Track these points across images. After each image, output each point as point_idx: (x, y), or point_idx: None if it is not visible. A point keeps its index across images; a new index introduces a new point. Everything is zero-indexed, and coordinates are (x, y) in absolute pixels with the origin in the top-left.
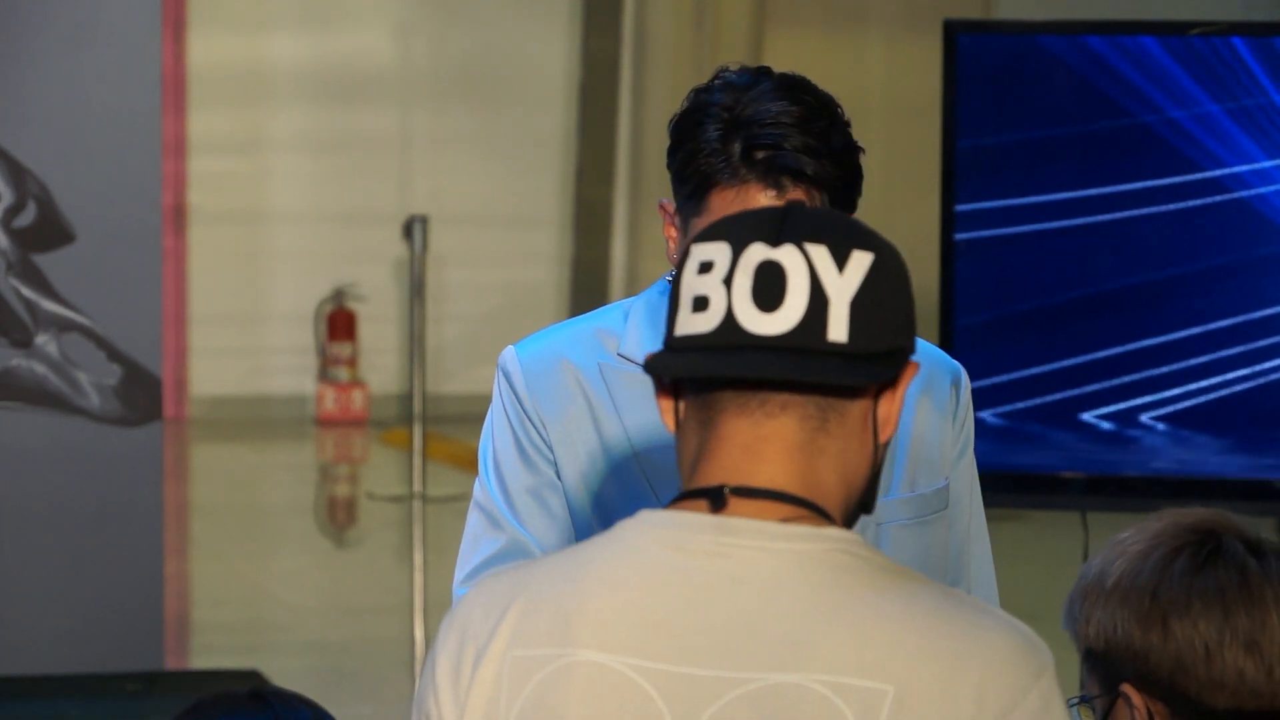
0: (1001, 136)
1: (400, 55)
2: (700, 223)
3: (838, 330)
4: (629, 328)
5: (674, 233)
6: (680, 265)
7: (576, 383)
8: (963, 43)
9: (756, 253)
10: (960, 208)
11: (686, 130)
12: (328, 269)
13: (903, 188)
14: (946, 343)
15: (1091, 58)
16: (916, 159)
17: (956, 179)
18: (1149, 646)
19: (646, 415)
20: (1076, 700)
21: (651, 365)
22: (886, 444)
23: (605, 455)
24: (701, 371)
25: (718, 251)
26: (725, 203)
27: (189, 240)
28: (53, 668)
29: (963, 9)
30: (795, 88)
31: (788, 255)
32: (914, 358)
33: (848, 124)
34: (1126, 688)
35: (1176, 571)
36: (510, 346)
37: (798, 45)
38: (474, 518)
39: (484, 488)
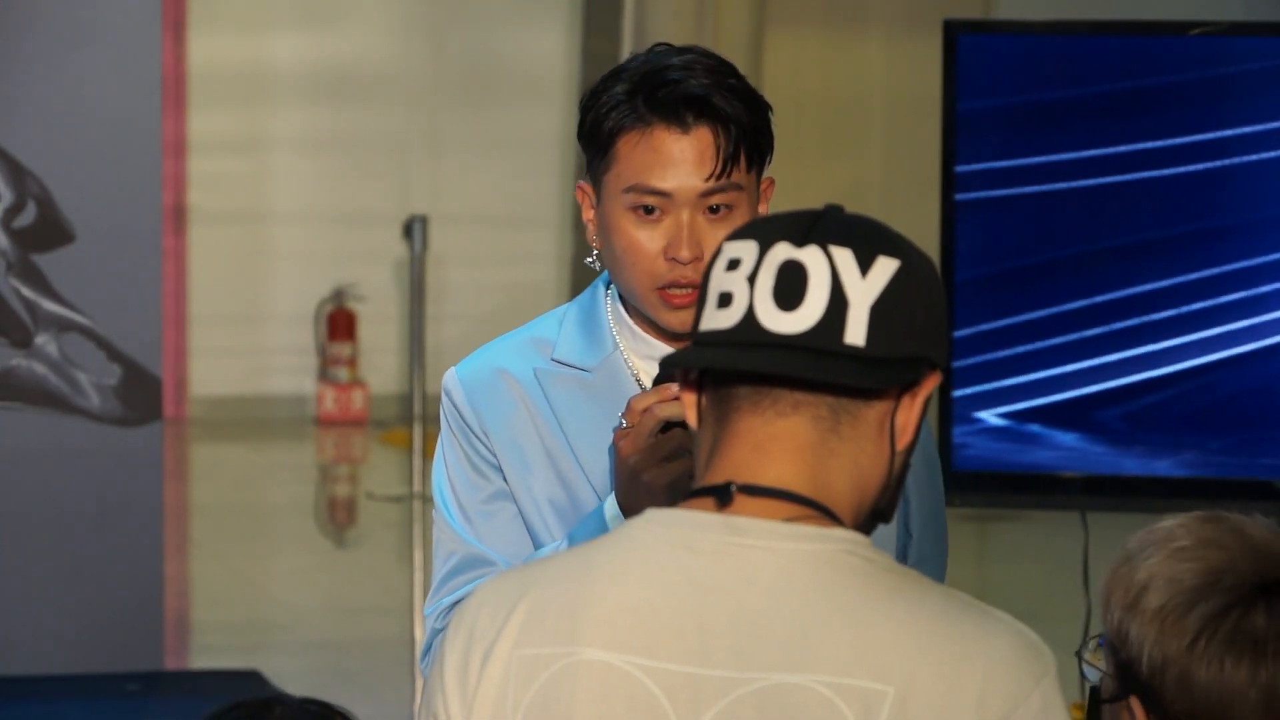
0: (998, 102)
1: (400, 55)
2: (610, 178)
3: (855, 333)
4: (563, 332)
5: (590, 214)
6: (711, 261)
7: (515, 391)
8: (963, 43)
9: (781, 251)
10: (960, 168)
11: (593, 97)
12: (328, 269)
13: (903, 188)
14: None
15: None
16: (916, 159)
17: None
18: (1167, 689)
19: (584, 417)
20: (1091, 647)
21: (670, 359)
22: (906, 453)
23: (549, 460)
24: (713, 364)
25: (745, 249)
26: (630, 146)
27: (189, 240)
28: (53, 668)
29: (963, 9)
30: (704, 50)
31: (811, 256)
32: None
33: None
34: (1134, 702)
35: (1221, 634)
36: (451, 368)
37: (798, 45)
38: (436, 538)
39: (440, 509)
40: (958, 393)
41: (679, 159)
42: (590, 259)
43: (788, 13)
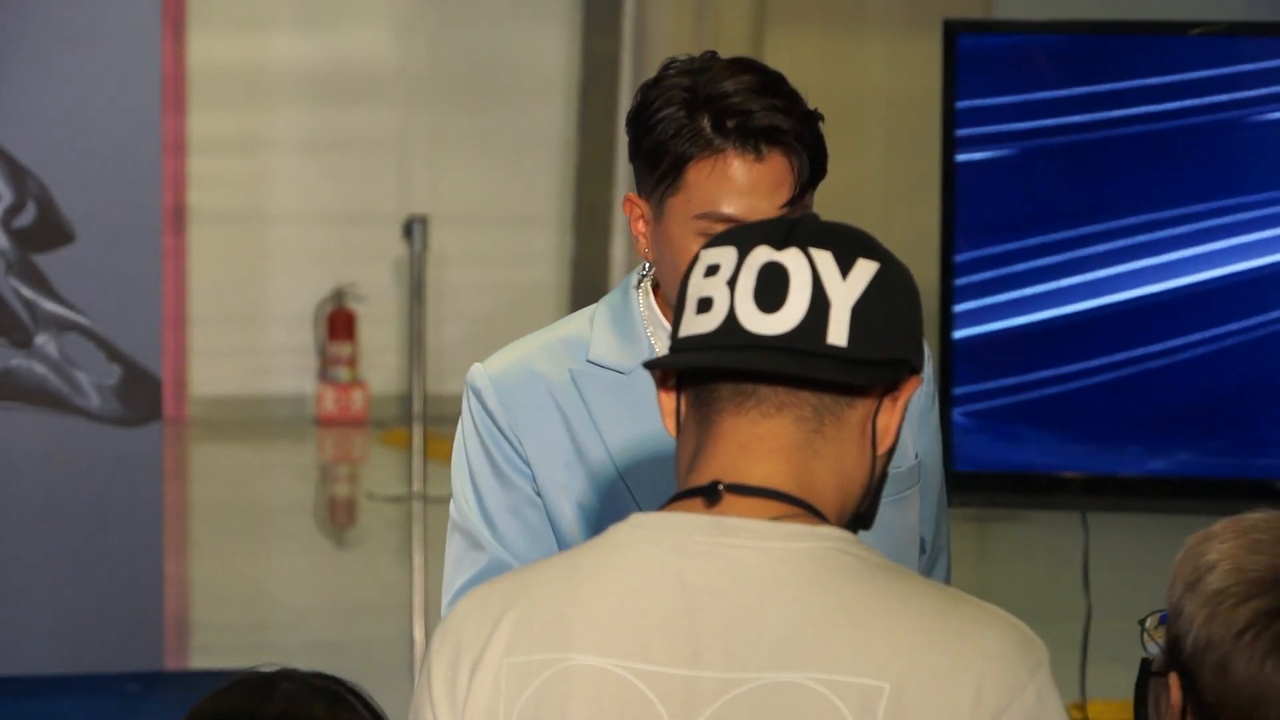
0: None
1: (400, 55)
2: (677, 201)
3: (837, 334)
4: (595, 332)
5: (644, 227)
6: (688, 270)
7: (548, 394)
8: (963, 43)
9: (761, 254)
10: (960, 156)
11: (648, 118)
12: (328, 269)
13: (903, 188)
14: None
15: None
16: (916, 159)
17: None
18: (1205, 672)
19: (621, 419)
20: (1152, 623)
21: (651, 362)
22: (887, 456)
23: (583, 464)
24: (697, 364)
25: (723, 255)
26: (703, 175)
27: (189, 240)
28: (53, 668)
29: (963, 9)
30: (746, 64)
31: (792, 258)
32: None
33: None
34: (1173, 679)
35: (1269, 633)
36: (477, 364)
37: (798, 45)
38: (454, 540)
39: (461, 509)
40: (958, 309)
41: (754, 186)
42: (643, 272)
43: (788, 13)
